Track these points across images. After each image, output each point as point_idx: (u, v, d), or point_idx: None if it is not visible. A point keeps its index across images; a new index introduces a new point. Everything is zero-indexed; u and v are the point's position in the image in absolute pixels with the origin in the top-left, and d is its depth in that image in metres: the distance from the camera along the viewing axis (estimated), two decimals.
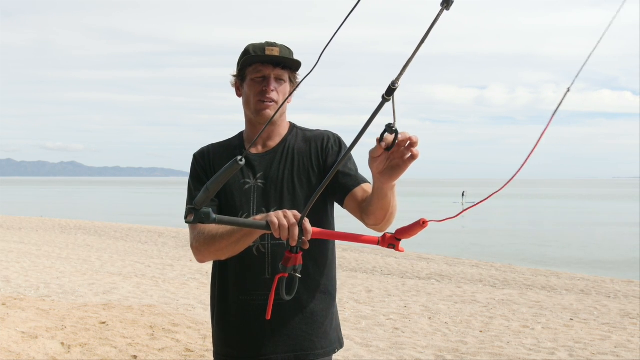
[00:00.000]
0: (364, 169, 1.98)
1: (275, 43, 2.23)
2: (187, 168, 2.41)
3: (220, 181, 1.64)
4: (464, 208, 1.69)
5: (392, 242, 1.76)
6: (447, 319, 8.57)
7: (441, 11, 1.30)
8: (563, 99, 1.59)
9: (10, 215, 34.13)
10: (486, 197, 1.61)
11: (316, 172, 2.24)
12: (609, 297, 11.77)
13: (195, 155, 2.36)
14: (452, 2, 1.28)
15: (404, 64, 1.39)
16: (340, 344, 2.32)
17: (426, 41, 1.34)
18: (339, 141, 2.28)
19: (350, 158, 2.25)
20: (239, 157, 1.58)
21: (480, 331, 7.83)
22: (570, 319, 9.00)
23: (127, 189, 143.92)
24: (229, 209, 2.23)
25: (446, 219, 1.70)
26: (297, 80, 2.28)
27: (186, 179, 2.37)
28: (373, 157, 1.63)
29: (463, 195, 63.37)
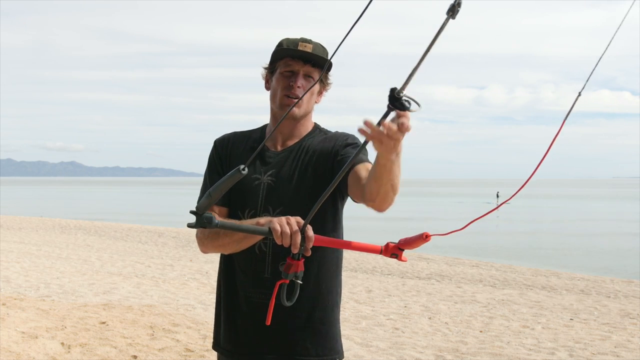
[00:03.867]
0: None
1: (310, 40, 2.19)
2: (187, 168, 2.41)
3: (223, 188, 1.65)
4: (473, 219, 1.66)
5: (395, 251, 1.75)
6: (447, 319, 8.57)
7: (447, 20, 1.29)
8: (575, 102, 1.60)
9: (10, 215, 34.12)
10: (489, 210, 1.61)
11: (325, 172, 2.18)
12: (609, 297, 11.77)
13: (215, 142, 2.34)
14: (458, 11, 1.27)
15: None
16: (337, 354, 2.25)
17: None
18: (350, 138, 2.21)
19: (358, 145, 2.16)
20: (242, 167, 1.58)
21: (480, 331, 7.83)
22: (570, 319, 9.00)
23: (127, 189, 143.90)
24: (236, 202, 2.22)
25: (451, 232, 1.70)
26: (329, 81, 2.26)
27: (186, 179, 2.37)
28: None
29: (497, 196, 62.43)
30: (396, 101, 1.37)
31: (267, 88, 2.27)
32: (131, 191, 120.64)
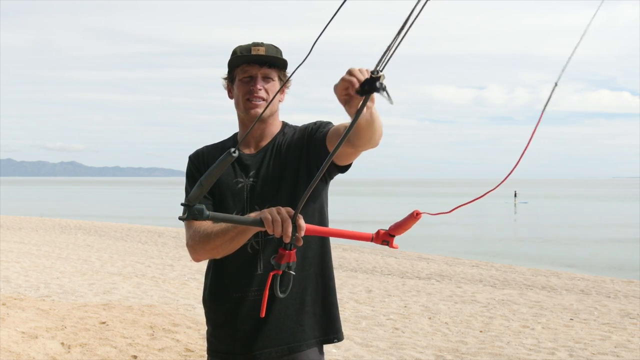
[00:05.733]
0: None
1: (262, 43, 2.25)
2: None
3: (214, 175, 1.65)
4: (459, 205, 1.66)
5: (385, 238, 1.75)
6: (447, 319, 8.57)
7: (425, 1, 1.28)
8: (551, 94, 1.60)
9: (10, 215, 34.12)
10: (478, 196, 1.61)
11: (303, 163, 2.24)
12: (609, 297, 11.77)
13: (190, 157, 2.39)
14: None
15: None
16: (335, 334, 2.29)
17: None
18: (319, 121, 2.29)
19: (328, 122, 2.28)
20: (232, 150, 1.59)
21: (480, 331, 7.83)
22: (570, 319, 9.00)
23: (127, 189, 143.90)
24: (223, 208, 2.26)
25: (439, 213, 1.69)
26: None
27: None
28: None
29: (515, 195, 62.03)
30: (373, 82, 1.39)
31: (231, 97, 2.33)
32: (131, 191, 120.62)
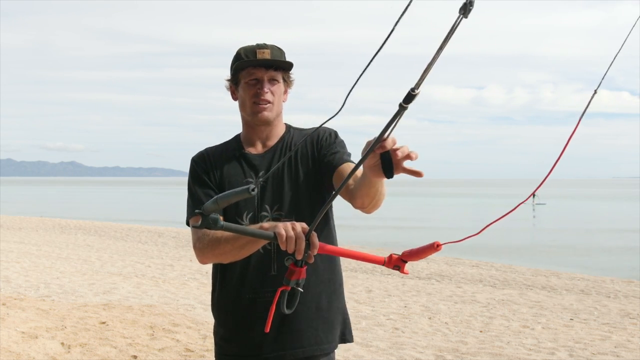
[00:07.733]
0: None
1: (265, 45, 2.25)
2: (187, 168, 2.41)
3: (230, 200, 1.64)
4: (489, 223, 1.65)
5: (398, 263, 1.73)
6: (447, 319, 8.57)
7: (459, 19, 1.26)
8: (590, 101, 1.60)
9: (10, 215, 34.11)
10: (508, 211, 1.59)
11: (312, 166, 2.26)
12: (609, 297, 11.77)
13: (194, 159, 2.35)
14: (470, 10, 1.24)
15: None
16: (346, 338, 2.35)
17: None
18: (334, 134, 2.30)
19: (343, 144, 2.28)
20: (252, 187, 1.56)
21: (480, 331, 7.83)
22: (570, 319, 9.00)
23: (127, 189, 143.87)
24: (233, 208, 2.24)
25: (466, 238, 1.68)
26: (291, 80, 2.33)
27: (186, 179, 2.39)
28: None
29: (534, 196, 61.47)
30: (410, 100, 1.33)
31: (235, 99, 2.34)
32: (131, 191, 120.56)
